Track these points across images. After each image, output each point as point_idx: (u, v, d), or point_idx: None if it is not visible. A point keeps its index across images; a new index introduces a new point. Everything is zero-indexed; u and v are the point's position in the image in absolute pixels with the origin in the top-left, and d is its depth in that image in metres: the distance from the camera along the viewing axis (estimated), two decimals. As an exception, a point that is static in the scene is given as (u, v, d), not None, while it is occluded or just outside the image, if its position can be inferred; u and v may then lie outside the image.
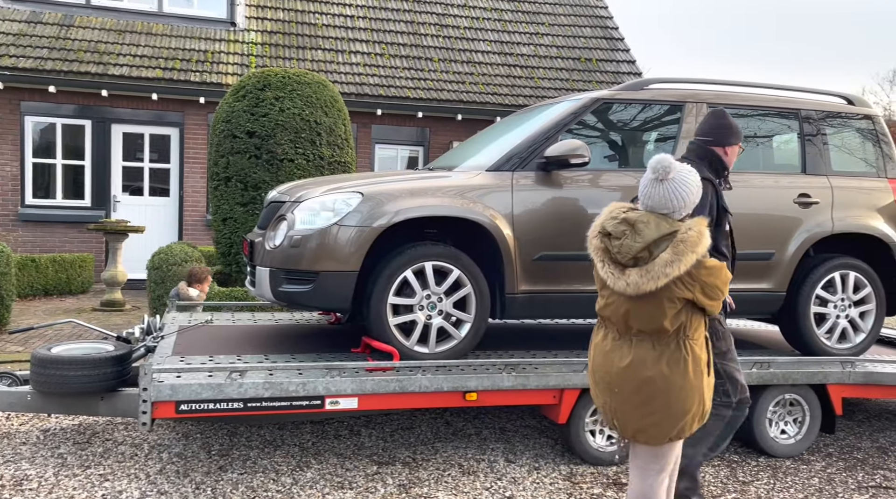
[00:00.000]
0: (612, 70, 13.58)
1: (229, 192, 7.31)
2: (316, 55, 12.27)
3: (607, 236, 2.54)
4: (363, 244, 3.77)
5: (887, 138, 4.83)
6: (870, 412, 5.36)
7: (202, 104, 11.14)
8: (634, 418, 2.53)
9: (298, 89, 7.35)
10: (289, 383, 3.47)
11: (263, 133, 7.17)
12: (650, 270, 2.42)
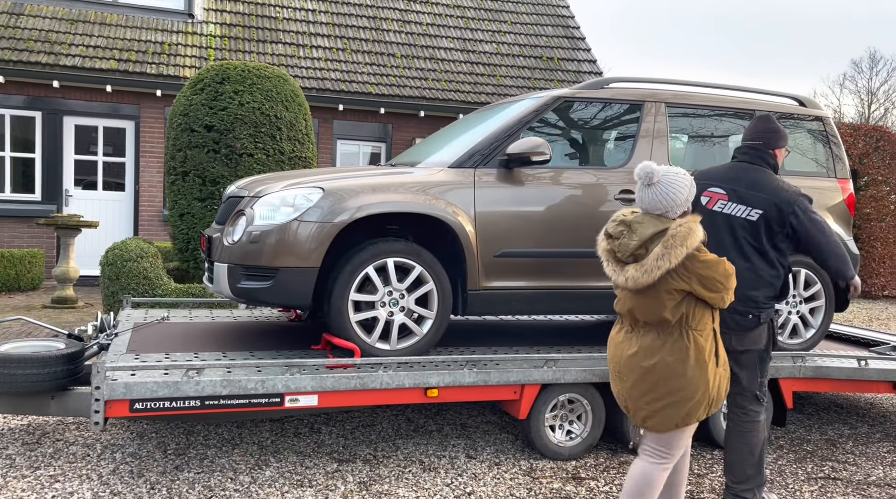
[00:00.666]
0: (573, 69, 13.71)
1: (187, 186, 7.17)
2: (276, 49, 12.11)
3: (610, 238, 2.77)
4: (324, 240, 3.74)
5: (837, 139, 4.98)
6: (819, 406, 5.53)
7: (159, 97, 10.89)
8: (641, 404, 2.74)
9: (258, 83, 7.24)
10: (247, 381, 3.42)
11: (222, 127, 7.04)
12: (644, 264, 2.64)
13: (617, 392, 2.89)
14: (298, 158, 7.43)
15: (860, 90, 35.16)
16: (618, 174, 4.38)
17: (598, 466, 3.99)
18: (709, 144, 4.82)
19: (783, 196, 3.28)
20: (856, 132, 12.94)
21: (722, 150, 4.86)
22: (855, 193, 12.34)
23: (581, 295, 4.29)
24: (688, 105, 4.64)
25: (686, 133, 4.81)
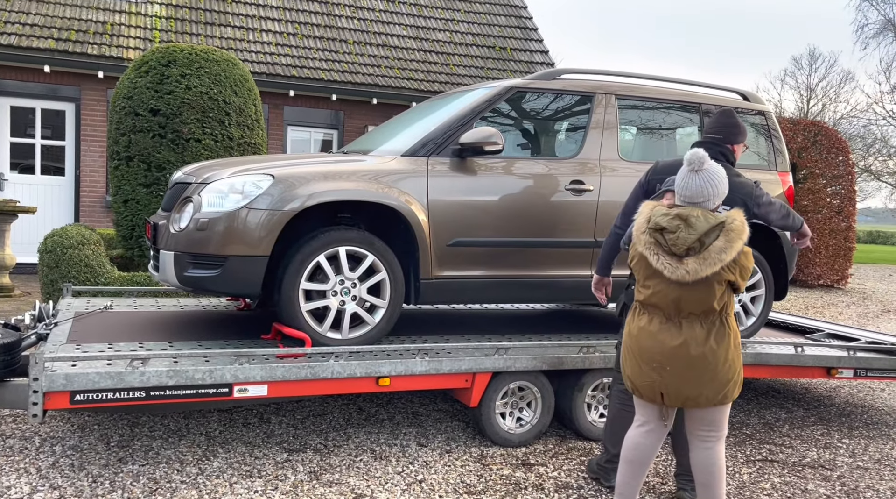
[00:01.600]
0: (525, 60, 13.79)
1: (131, 172, 6.96)
2: (225, 32, 11.83)
3: (659, 232, 2.81)
4: (274, 228, 3.68)
5: (778, 133, 5.14)
6: (758, 391, 5.73)
7: (101, 79, 10.52)
8: (685, 389, 2.84)
9: (206, 67, 7.06)
10: (195, 371, 3.35)
11: (168, 111, 6.85)
12: (707, 257, 2.73)
13: (651, 382, 2.90)
14: (248, 144, 7.29)
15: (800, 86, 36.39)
16: (569, 165, 4.43)
17: (547, 452, 4.06)
18: (657, 137, 4.92)
19: (745, 190, 3.44)
20: (795, 127, 13.38)
21: (669, 142, 4.96)
22: (794, 185, 12.78)
23: (532, 284, 4.33)
24: (637, 97, 4.72)
25: (635, 125, 4.90)
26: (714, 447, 2.96)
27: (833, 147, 13.22)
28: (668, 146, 4.93)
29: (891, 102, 28.51)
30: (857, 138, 29.72)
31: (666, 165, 3.58)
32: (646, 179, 3.62)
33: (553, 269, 4.35)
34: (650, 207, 2.92)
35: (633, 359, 2.97)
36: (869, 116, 29.84)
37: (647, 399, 2.98)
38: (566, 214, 4.35)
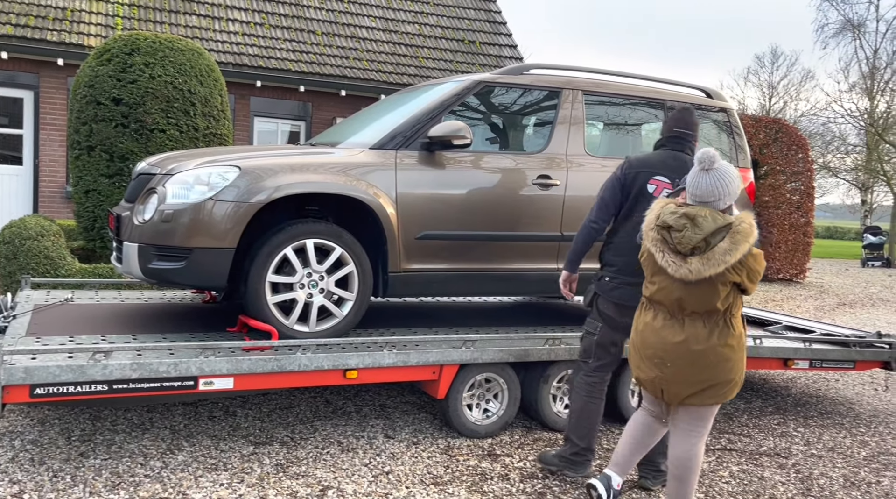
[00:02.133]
0: (494, 54, 13.82)
1: (93, 162, 6.82)
2: (190, 21, 11.63)
3: (666, 229, 2.83)
4: (240, 220, 3.65)
5: (740, 130, 5.26)
6: (719, 382, 5.87)
7: (61, 66, 10.28)
8: (685, 386, 2.89)
9: (171, 56, 6.94)
10: (159, 364, 3.32)
11: (131, 101, 6.73)
12: (710, 257, 2.74)
13: (653, 377, 2.97)
14: (213, 134, 7.20)
15: (762, 84, 37.15)
16: (536, 159, 4.47)
17: (513, 443, 4.11)
18: (623, 132, 4.99)
19: None
20: (757, 124, 13.66)
21: (635, 138, 5.04)
22: (755, 181, 13.04)
23: (500, 277, 4.37)
24: (603, 93, 4.78)
25: (601, 120, 4.96)
26: (697, 443, 3.01)
27: (793, 144, 13.53)
28: (633, 142, 5.01)
29: (849, 101, 29.30)
30: (816, 136, 30.45)
31: (639, 158, 3.59)
32: (622, 172, 3.54)
33: (520, 262, 4.40)
34: (661, 204, 2.93)
35: (636, 354, 3.03)
36: (828, 114, 30.63)
37: (650, 393, 3.07)
38: (533, 208, 4.39)
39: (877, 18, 26.19)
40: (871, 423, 5.00)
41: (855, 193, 31.71)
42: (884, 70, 25.88)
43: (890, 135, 25.58)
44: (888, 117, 25.47)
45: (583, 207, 4.49)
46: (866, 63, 26.21)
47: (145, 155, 6.65)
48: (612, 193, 3.54)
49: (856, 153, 28.52)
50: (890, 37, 25.75)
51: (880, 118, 25.40)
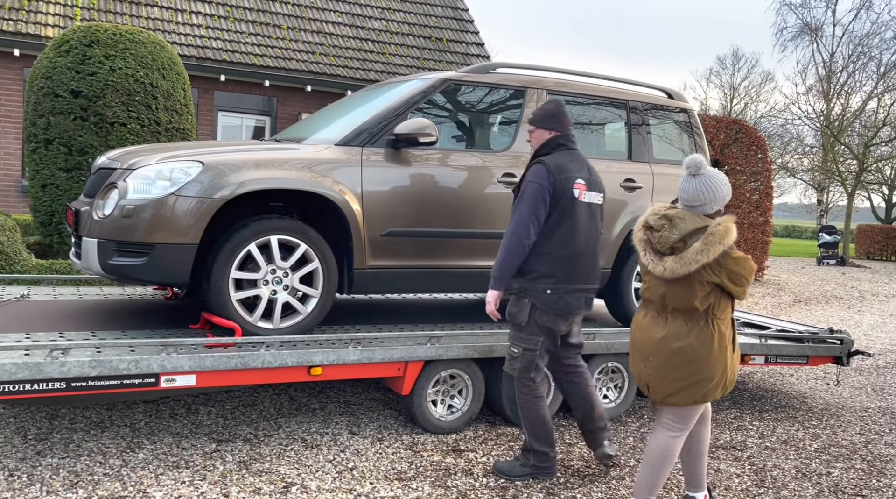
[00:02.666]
0: (461, 51, 13.86)
1: (50, 155, 6.67)
2: (152, 13, 11.42)
3: (649, 229, 2.97)
4: (203, 216, 3.62)
5: (700, 131, 5.37)
6: (678, 377, 5.99)
7: (16, 57, 10.01)
8: (665, 382, 2.99)
9: (132, 48, 6.82)
10: (119, 361, 3.27)
11: (91, 93, 6.59)
12: (683, 257, 2.86)
13: (639, 372, 3.10)
14: (176, 129, 7.10)
15: (724, 85, 37.85)
16: (502, 158, 4.51)
17: (477, 438, 4.14)
18: (586, 131, 5.05)
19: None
20: (718, 124, 13.94)
21: (598, 138, 5.11)
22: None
23: (465, 274, 4.40)
24: (567, 93, 4.83)
25: (566, 120, 5.01)
26: (675, 439, 3.09)
27: (753, 144, 13.85)
28: (596, 141, 5.08)
29: (806, 103, 30.06)
30: (775, 137, 31.18)
31: (557, 165, 3.48)
32: (549, 182, 3.44)
33: (485, 259, 4.43)
34: (654, 207, 3.08)
35: (630, 350, 3.17)
36: (786, 116, 31.38)
37: (643, 390, 3.14)
38: (498, 206, 4.43)
39: (833, 23, 26.91)
40: (822, 416, 5.17)
41: (812, 193, 32.60)
42: (839, 73, 26.61)
43: (845, 137, 26.33)
44: (843, 120, 26.20)
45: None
46: (823, 66, 26.93)
47: (105, 149, 6.53)
48: (542, 205, 3.42)
49: (812, 154, 29.30)
50: (846, 41, 26.48)
51: (836, 120, 26.12)
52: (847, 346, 5.39)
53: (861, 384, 6.23)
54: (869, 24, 28.22)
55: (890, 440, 4.68)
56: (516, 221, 3.45)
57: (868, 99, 26.16)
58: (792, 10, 28.33)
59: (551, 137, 3.61)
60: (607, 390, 4.70)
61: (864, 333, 8.97)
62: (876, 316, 10.65)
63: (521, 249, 3.44)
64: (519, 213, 3.45)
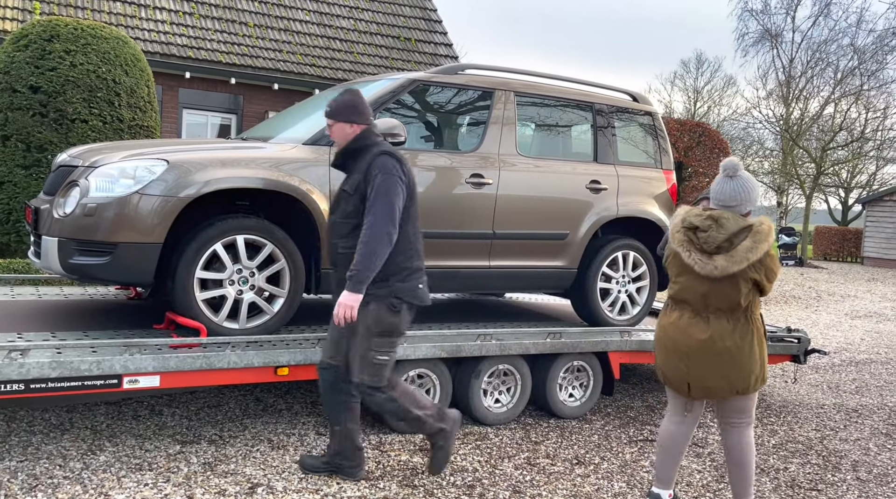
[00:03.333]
0: (430, 52, 13.88)
1: (8, 152, 6.51)
2: (115, 7, 11.21)
3: (692, 230, 3.08)
4: (168, 215, 3.57)
5: (664, 134, 5.47)
6: (642, 376, 6.10)
7: (-27, 50, 9.72)
8: (708, 380, 3.10)
9: (94, 44, 6.69)
10: (80, 362, 3.21)
11: (51, 89, 6.45)
12: (734, 255, 2.97)
13: (678, 373, 3.16)
14: (140, 126, 6.98)
15: (688, 89, 38.50)
16: (469, 158, 4.53)
17: (444, 437, 4.16)
18: (553, 133, 5.11)
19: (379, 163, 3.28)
20: (682, 127, 14.20)
21: (564, 139, 5.17)
22: (680, 183, 13.48)
23: (433, 274, 4.41)
24: (535, 95, 4.88)
25: (532, 121, 5.07)
26: (745, 431, 3.23)
27: (715, 147, 14.13)
28: (563, 143, 5.14)
29: (766, 107, 30.78)
30: (737, 140, 31.83)
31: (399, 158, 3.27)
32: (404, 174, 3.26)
33: (452, 259, 4.46)
34: (685, 209, 3.19)
35: (664, 351, 3.22)
36: (748, 120, 32.01)
37: (675, 389, 3.24)
38: (466, 206, 4.46)
39: (793, 29, 27.57)
40: (780, 413, 5.30)
41: (772, 195, 33.36)
42: (798, 79, 27.29)
43: (803, 141, 27.01)
44: (802, 124, 26.88)
45: (514, 207, 4.59)
46: (783, 72, 27.58)
47: (65, 146, 6.40)
48: (401, 197, 3.21)
49: (773, 157, 29.99)
50: (804, 47, 27.17)
51: (795, 124, 26.78)
52: (804, 344, 5.54)
53: (817, 382, 6.41)
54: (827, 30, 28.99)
55: (844, 436, 4.83)
56: (377, 215, 3.13)
57: (825, 104, 26.89)
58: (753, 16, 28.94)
59: (362, 130, 3.31)
60: (573, 389, 4.76)
61: (821, 332, 9.23)
62: (832, 315, 10.96)
63: (385, 242, 3.14)
64: (379, 206, 3.13)
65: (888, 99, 27.36)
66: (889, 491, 3.90)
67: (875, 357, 7.80)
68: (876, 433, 4.94)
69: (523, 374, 4.51)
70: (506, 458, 3.93)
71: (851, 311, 11.62)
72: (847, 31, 28.46)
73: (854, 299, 13.25)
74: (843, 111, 27.24)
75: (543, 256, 4.76)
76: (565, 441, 4.29)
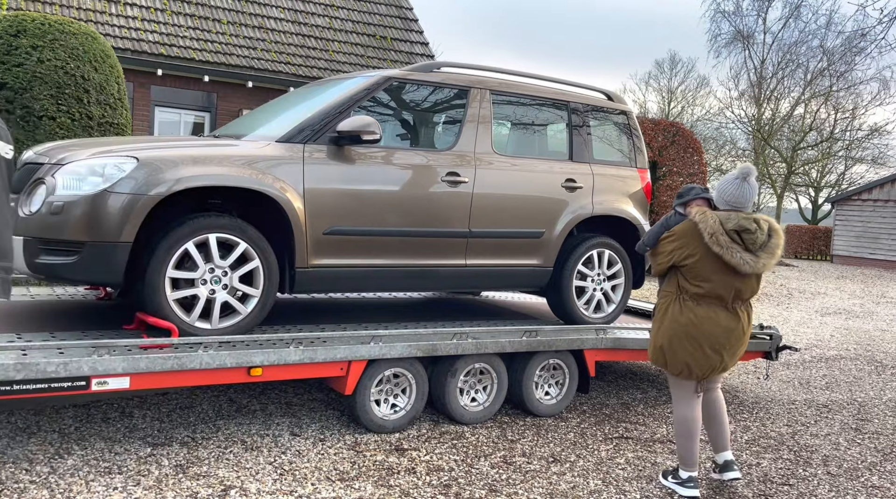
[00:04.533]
0: (406, 50, 13.84)
1: (-28, 149, 6.34)
2: (83, 3, 11.01)
3: (738, 233, 3.39)
4: (138, 214, 3.51)
5: (638, 132, 5.50)
6: (617, 374, 6.13)
7: (-64, 45, 9.47)
8: (731, 363, 3.60)
9: (62, 39, 6.55)
10: (47, 364, 3.14)
11: (17, 86, 6.31)
12: (775, 253, 3.43)
13: (709, 362, 3.51)
14: (110, 124, 6.85)
15: (662, 89, 38.91)
16: (445, 157, 4.52)
17: (420, 436, 4.14)
18: (529, 132, 5.12)
19: None
20: (656, 127, 14.32)
21: (540, 138, 5.18)
22: (654, 182, 13.60)
23: (408, 273, 4.39)
24: (510, 93, 4.88)
25: (508, 120, 5.07)
26: (719, 389, 3.78)
27: (689, 147, 14.27)
28: (538, 141, 5.15)
29: (739, 108, 31.21)
30: (710, 140, 32.24)
31: None
32: None
33: (428, 258, 4.44)
34: (711, 213, 3.46)
35: (695, 346, 3.50)
36: (720, 120, 32.45)
37: (697, 378, 3.57)
38: (442, 204, 4.44)
39: (764, 31, 28.00)
40: (753, 409, 5.37)
41: (744, 195, 33.78)
42: (770, 80, 27.72)
43: (774, 141, 27.43)
44: (773, 124, 27.29)
45: (490, 205, 4.58)
46: (754, 72, 28.00)
47: (32, 143, 6.26)
48: None
49: (745, 157, 30.41)
50: (775, 48, 27.60)
51: (766, 125, 27.19)
52: (776, 341, 5.62)
53: (789, 378, 6.50)
54: (797, 32, 29.51)
55: (815, 431, 4.90)
56: None
57: (796, 104, 27.35)
58: (725, 17, 29.34)
59: None
60: (549, 387, 4.77)
61: (792, 329, 9.37)
62: (803, 312, 11.14)
63: None
64: None
65: (856, 100, 27.92)
66: (859, 485, 3.96)
67: (844, 353, 7.94)
68: (846, 428, 5.02)
69: (499, 372, 4.51)
70: (482, 457, 3.93)
71: (822, 308, 11.81)
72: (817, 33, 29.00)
73: (824, 297, 13.48)
74: (813, 112, 27.74)
75: (519, 255, 4.76)
76: (541, 439, 4.29)
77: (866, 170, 29.92)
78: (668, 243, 3.59)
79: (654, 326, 3.73)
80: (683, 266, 3.50)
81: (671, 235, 3.61)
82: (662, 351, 3.61)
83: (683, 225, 3.57)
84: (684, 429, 3.62)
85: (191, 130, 12.03)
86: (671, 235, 3.61)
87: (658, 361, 3.66)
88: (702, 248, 3.43)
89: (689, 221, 3.54)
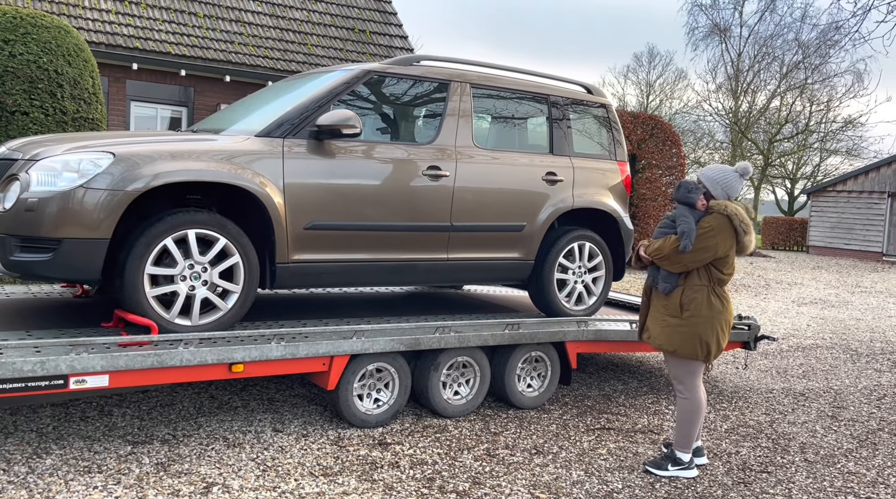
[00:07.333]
0: (385, 44, 13.77)
1: (-57, 146, 6.22)
2: (57, -5, 10.81)
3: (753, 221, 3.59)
4: (115, 210, 3.46)
5: (618, 125, 5.53)
6: (598, 365, 6.18)
7: None
8: None
9: (34, 33, 6.44)
10: (23, 363, 3.09)
11: (-11, 79, 6.18)
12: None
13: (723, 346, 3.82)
14: (84, 119, 6.75)
15: (640, 82, 39.11)
16: (426, 150, 4.51)
17: (403, 431, 4.15)
18: (509, 125, 5.12)
19: None
20: (635, 120, 14.40)
21: (521, 132, 5.19)
22: (633, 175, 13.70)
23: (390, 267, 4.39)
24: (491, 87, 4.88)
25: (489, 113, 5.07)
26: None
27: (668, 140, 14.37)
28: (519, 135, 5.15)
29: (716, 101, 31.50)
30: (688, 132, 32.50)
31: None
32: None
33: (410, 252, 4.43)
34: (734, 206, 3.71)
35: (728, 329, 3.78)
36: (698, 113, 32.72)
37: (713, 360, 3.81)
38: (423, 198, 4.43)
39: (741, 24, 28.25)
40: (732, 398, 5.44)
41: (722, 187, 34.11)
42: (746, 73, 28.00)
43: (751, 133, 27.73)
44: (750, 117, 27.59)
45: (471, 199, 4.59)
46: (731, 65, 28.25)
47: (5, 139, 6.15)
48: None
49: (722, 149, 30.72)
50: (752, 41, 27.87)
51: (743, 117, 27.47)
52: (754, 331, 5.69)
53: (766, 367, 6.59)
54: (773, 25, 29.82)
55: (792, 419, 4.98)
56: None
57: (772, 97, 27.65)
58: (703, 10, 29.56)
59: None
60: (531, 380, 4.79)
61: (770, 319, 9.50)
62: (780, 303, 11.29)
63: None
64: None
65: (831, 92, 28.30)
66: (836, 471, 4.03)
67: (821, 342, 8.06)
68: (822, 416, 5.10)
69: (482, 365, 4.52)
70: (465, 450, 3.94)
71: (798, 298, 11.99)
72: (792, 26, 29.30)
73: (800, 287, 13.67)
74: (789, 104, 28.07)
75: (501, 248, 4.77)
76: (524, 431, 4.31)
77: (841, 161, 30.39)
78: (710, 239, 3.66)
79: (689, 321, 3.69)
80: (722, 256, 3.71)
81: (710, 229, 3.67)
82: (709, 346, 3.73)
83: (717, 220, 3.69)
84: (698, 413, 3.81)
85: (168, 125, 11.89)
86: (710, 230, 3.67)
87: (698, 354, 3.70)
88: (733, 237, 3.69)
89: (721, 215, 3.70)
